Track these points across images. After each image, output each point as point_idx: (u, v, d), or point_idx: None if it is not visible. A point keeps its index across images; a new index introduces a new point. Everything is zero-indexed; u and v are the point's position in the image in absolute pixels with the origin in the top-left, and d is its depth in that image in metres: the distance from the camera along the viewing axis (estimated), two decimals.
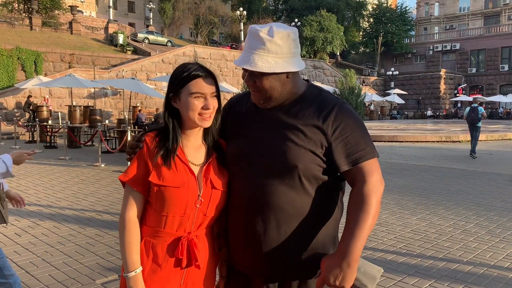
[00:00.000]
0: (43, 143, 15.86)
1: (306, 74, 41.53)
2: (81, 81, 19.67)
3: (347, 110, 1.58)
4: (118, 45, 33.24)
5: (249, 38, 1.52)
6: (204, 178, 1.59)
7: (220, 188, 1.61)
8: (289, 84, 1.56)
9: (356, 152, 1.54)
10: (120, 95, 27.26)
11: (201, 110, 1.56)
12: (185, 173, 1.57)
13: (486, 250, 4.77)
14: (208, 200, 1.59)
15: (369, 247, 4.75)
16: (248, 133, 1.62)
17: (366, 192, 1.52)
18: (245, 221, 1.60)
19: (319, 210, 1.59)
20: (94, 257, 4.43)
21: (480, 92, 49.75)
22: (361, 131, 1.58)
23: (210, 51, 35.38)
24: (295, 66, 1.53)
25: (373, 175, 1.54)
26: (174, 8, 48.15)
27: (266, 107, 1.59)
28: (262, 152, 1.56)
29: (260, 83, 1.52)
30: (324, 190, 1.59)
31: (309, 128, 1.54)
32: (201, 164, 1.62)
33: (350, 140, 1.54)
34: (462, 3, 60.89)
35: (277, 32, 1.48)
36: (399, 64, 57.16)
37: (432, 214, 6.31)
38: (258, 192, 1.56)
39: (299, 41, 1.61)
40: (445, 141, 18.92)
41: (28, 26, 32.04)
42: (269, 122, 1.59)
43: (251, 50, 1.50)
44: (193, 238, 1.60)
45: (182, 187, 1.54)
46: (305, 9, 54.46)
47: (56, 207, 6.57)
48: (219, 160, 1.65)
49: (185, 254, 1.57)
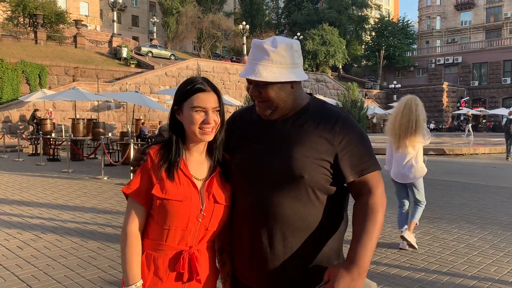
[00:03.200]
0: (47, 156, 15.89)
1: (309, 87, 41.66)
2: (84, 94, 19.78)
3: (351, 123, 1.60)
4: (122, 59, 33.52)
5: (253, 51, 1.56)
6: (206, 193, 1.59)
7: (222, 203, 1.61)
8: (293, 95, 1.58)
9: (362, 163, 1.56)
10: (123, 108, 27.40)
11: (201, 124, 1.56)
12: (188, 187, 1.57)
13: (490, 264, 4.73)
14: (210, 214, 1.58)
15: (373, 261, 4.72)
16: (252, 146, 1.63)
17: (374, 203, 1.54)
18: (250, 234, 1.59)
19: (325, 222, 1.59)
20: (96, 271, 4.41)
21: (482, 105, 49.77)
22: (365, 144, 1.61)
23: (213, 65, 35.60)
24: (298, 76, 1.56)
25: (379, 188, 1.57)
26: (178, 22, 48.61)
27: (271, 118, 1.60)
28: (268, 164, 1.57)
29: (266, 93, 1.54)
30: (330, 201, 1.59)
31: (314, 138, 1.55)
32: (204, 178, 1.62)
33: (355, 152, 1.56)
34: (464, 17, 61.28)
35: (280, 43, 1.53)
36: (401, 77, 57.30)
37: (435, 228, 6.27)
38: (264, 204, 1.55)
39: (302, 54, 1.63)
40: (448, 154, 18.87)
41: (33, 40, 32.40)
42: (274, 134, 1.60)
43: (255, 61, 1.53)
44: (194, 252, 1.59)
45: (184, 200, 1.54)
46: (307, 23, 54.92)
47: (58, 220, 6.56)
48: (223, 175, 1.65)
49: (186, 268, 1.57)
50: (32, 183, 10.14)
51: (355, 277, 1.45)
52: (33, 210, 7.22)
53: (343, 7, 57.16)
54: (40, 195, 8.62)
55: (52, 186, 9.77)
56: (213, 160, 1.66)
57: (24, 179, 10.69)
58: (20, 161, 15.32)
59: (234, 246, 1.69)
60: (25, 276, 4.24)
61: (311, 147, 1.54)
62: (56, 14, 36.14)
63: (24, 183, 9.96)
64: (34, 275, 4.29)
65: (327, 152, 1.54)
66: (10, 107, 24.15)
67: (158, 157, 1.59)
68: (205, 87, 1.58)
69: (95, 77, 28.03)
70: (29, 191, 9.06)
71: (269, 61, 1.51)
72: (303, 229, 1.55)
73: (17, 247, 5.20)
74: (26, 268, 4.48)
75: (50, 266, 4.54)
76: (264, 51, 1.52)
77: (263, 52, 1.52)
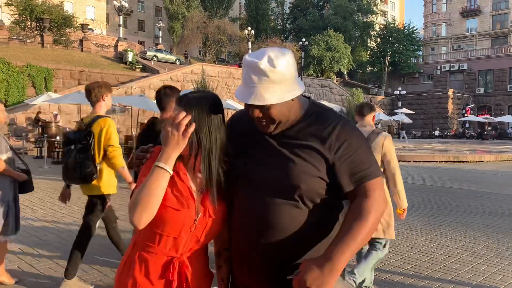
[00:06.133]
0: (51, 159, 15.95)
1: (313, 93, 41.65)
2: None
3: (349, 128, 1.57)
4: (127, 63, 33.64)
5: (248, 72, 1.45)
6: (202, 205, 1.58)
7: (216, 216, 1.59)
8: (294, 107, 1.55)
9: (361, 171, 1.53)
10: (128, 112, 27.45)
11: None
12: (186, 197, 1.56)
13: (495, 273, 4.68)
14: (203, 226, 1.58)
15: (376, 268, 4.68)
16: (250, 153, 1.61)
17: (367, 206, 1.50)
18: (248, 242, 1.58)
19: (322, 229, 1.58)
20: (98, 274, 4.40)
21: (488, 112, 49.59)
22: (365, 149, 1.56)
23: (218, 69, 35.67)
24: (299, 89, 1.51)
25: (376, 191, 1.53)
26: (183, 27, 48.82)
27: (274, 133, 1.57)
28: (265, 173, 1.55)
29: (269, 114, 1.49)
30: (327, 209, 1.57)
31: (311, 147, 1.52)
32: (200, 189, 1.61)
33: (353, 159, 1.52)
34: (470, 24, 61.18)
35: (277, 61, 1.43)
36: (406, 83, 57.20)
37: (440, 235, 6.22)
38: (261, 212, 1.54)
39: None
40: (453, 161, 18.78)
41: (40, 43, 32.60)
42: (271, 142, 1.58)
43: (254, 84, 1.44)
44: (184, 260, 1.59)
45: (182, 210, 1.54)
46: (312, 29, 54.97)
47: (61, 223, 6.56)
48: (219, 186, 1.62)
49: (176, 276, 1.57)
50: (36, 185, 10.12)
51: (326, 274, 1.39)
52: (37, 213, 7.23)
53: (348, 13, 57.20)
54: (44, 198, 8.63)
55: (56, 189, 9.78)
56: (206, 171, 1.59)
57: None
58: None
59: (232, 253, 1.68)
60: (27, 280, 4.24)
61: (308, 155, 1.51)
62: (62, 18, 36.42)
63: None
64: (37, 278, 4.28)
65: (323, 162, 1.52)
66: (16, 110, 24.27)
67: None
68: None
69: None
70: (33, 194, 9.06)
71: (269, 82, 1.43)
72: (300, 236, 1.53)
73: (20, 250, 5.20)
74: (28, 271, 4.47)
75: (52, 269, 4.54)
76: (261, 72, 1.42)
77: (260, 73, 1.43)
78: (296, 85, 1.51)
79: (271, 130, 1.55)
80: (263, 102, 1.44)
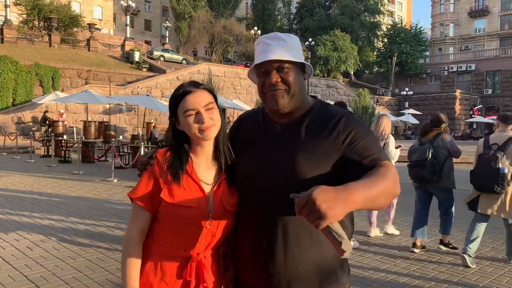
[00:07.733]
0: (58, 157, 16.04)
1: (320, 93, 41.59)
2: (96, 97, 19.96)
3: (355, 119, 1.57)
4: (134, 62, 33.79)
5: (265, 41, 1.57)
6: (214, 198, 1.57)
7: (230, 209, 1.59)
8: (304, 89, 1.59)
9: (372, 154, 1.49)
10: (134, 112, 27.56)
11: (198, 125, 1.54)
12: (196, 193, 1.55)
13: (502, 275, 4.65)
14: (218, 220, 1.56)
15: (382, 269, 4.66)
16: (257, 150, 1.61)
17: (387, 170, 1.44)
18: (253, 240, 1.57)
19: None
20: (104, 273, 4.42)
21: (496, 113, 49.19)
22: (372, 138, 1.55)
23: (224, 69, 35.73)
24: (308, 65, 1.63)
25: (391, 169, 1.46)
26: (190, 27, 48.92)
27: (284, 110, 1.55)
28: (272, 169, 1.55)
29: (287, 76, 1.53)
30: None
31: (319, 142, 1.52)
32: (212, 183, 1.60)
33: (362, 146, 1.50)
34: (478, 24, 60.84)
35: (290, 35, 1.61)
36: (413, 84, 56.95)
37: None
38: (268, 210, 1.53)
39: (313, 61, 1.65)
40: (460, 162, 18.67)
41: (47, 43, 32.84)
42: (278, 139, 1.58)
43: (274, 46, 1.54)
44: (201, 259, 1.58)
45: (192, 207, 1.53)
46: (319, 29, 54.91)
47: (68, 222, 6.60)
48: (229, 180, 1.63)
49: (194, 275, 1.56)
50: (43, 184, 10.23)
51: (340, 199, 1.24)
52: (43, 211, 7.27)
53: (355, 13, 57.08)
54: (51, 196, 8.68)
55: (62, 187, 9.84)
56: (220, 163, 1.64)
57: (35, 180, 10.79)
58: (32, 162, 15.48)
59: (237, 251, 1.67)
60: (33, 277, 4.27)
61: (315, 150, 1.51)
62: (70, 18, 36.66)
63: (35, 184, 10.05)
64: (43, 275, 4.31)
65: (331, 155, 1.51)
66: (23, 108, 24.46)
67: (165, 161, 1.57)
68: (190, 88, 1.56)
69: (107, 80, 28.26)
70: (40, 192, 9.13)
71: (287, 46, 1.54)
72: (306, 235, 1.53)
73: (27, 248, 5.23)
74: (35, 269, 4.50)
75: (58, 267, 4.56)
76: (280, 39, 1.56)
77: (279, 39, 1.56)
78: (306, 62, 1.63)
79: (285, 103, 1.54)
80: (283, 57, 1.52)
